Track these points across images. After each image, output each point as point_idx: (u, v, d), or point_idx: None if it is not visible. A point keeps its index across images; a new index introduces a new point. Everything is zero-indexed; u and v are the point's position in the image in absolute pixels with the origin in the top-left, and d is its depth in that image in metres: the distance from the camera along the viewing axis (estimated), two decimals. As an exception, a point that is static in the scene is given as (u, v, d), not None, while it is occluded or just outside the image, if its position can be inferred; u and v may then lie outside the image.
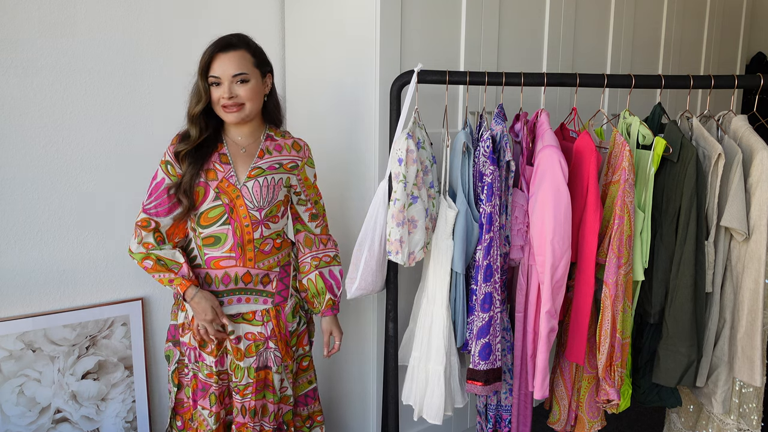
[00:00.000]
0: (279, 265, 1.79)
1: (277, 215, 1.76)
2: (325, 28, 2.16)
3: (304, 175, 1.81)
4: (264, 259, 1.75)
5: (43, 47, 1.96)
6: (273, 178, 1.72)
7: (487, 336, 1.73)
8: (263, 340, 1.76)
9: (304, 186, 1.82)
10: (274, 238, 1.76)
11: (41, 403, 2.06)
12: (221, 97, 1.64)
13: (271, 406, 1.80)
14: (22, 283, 2.02)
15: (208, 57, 1.64)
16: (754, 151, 1.75)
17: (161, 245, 1.70)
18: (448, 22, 2.10)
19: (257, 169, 1.71)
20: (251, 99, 1.67)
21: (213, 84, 1.65)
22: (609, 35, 2.75)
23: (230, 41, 1.66)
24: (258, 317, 1.76)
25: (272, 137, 1.78)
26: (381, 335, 2.08)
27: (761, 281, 1.74)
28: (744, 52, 3.80)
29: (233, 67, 1.63)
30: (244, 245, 1.71)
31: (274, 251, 1.77)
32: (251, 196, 1.70)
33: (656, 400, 1.95)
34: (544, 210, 1.69)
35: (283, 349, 1.79)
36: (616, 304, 1.73)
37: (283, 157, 1.76)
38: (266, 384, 1.79)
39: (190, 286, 1.68)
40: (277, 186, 1.73)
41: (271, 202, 1.73)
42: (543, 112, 1.81)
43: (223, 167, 1.70)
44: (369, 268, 1.76)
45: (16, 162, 1.97)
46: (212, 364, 1.76)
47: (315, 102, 2.25)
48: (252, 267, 1.73)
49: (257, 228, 1.71)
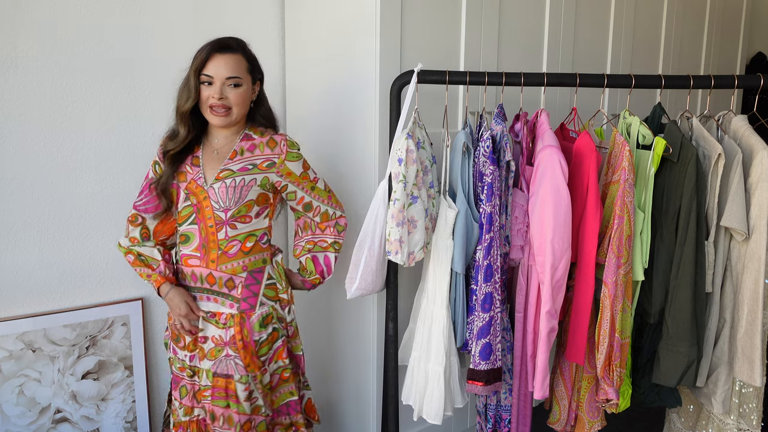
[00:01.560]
0: (245, 270, 1.74)
1: (249, 215, 1.73)
2: (325, 28, 2.16)
3: (286, 170, 1.75)
4: (228, 261, 1.72)
5: (43, 47, 1.96)
6: (243, 179, 1.69)
7: (487, 336, 1.73)
8: (222, 345, 1.73)
9: (292, 180, 1.77)
10: (242, 240, 1.72)
11: (41, 403, 2.06)
12: (211, 97, 1.65)
13: (236, 416, 1.73)
14: (22, 283, 2.02)
15: (205, 56, 1.64)
16: (754, 151, 1.75)
17: (145, 241, 1.79)
18: (448, 22, 2.10)
19: (226, 171, 1.70)
20: (239, 104, 1.68)
21: (204, 83, 1.65)
22: (609, 35, 2.75)
23: (228, 43, 1.67)
24: (222, 320, 1.74)
25: (250, 137, 1.75)
26: (381, 335, 2.08)
27: (761, 281, 1.74)
28: (744, 52, 3.80)
29: (228, 69, 1.64)
30: (208, 245, 1.71)
31: (240, 254, 1.72)
32: (217, 197, 1.69)
33: (656, 400, 1.95)
34: (544, 210, 1.69)
35: (247, 358, 1.72)
36: (615, 304, 1.73)
37: (256, 157, 1.72)
38: (228, 393, 1.73)
39: (164, 282, 1.75)
40: (247, 187, 1.70)
41: (239, 203, 1.70)
42: (543, 112, 1.81)
43: (193, 169, 1.73)
44: (369, 268, 1.76)
45: (16, 162, 1.97)
46: (185, 358, 1.79)
47: (315, 102, 2.25)
48: (215, 269, 1.72)
49: (221, 228, 1.70)
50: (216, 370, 1.73)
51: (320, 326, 2.36)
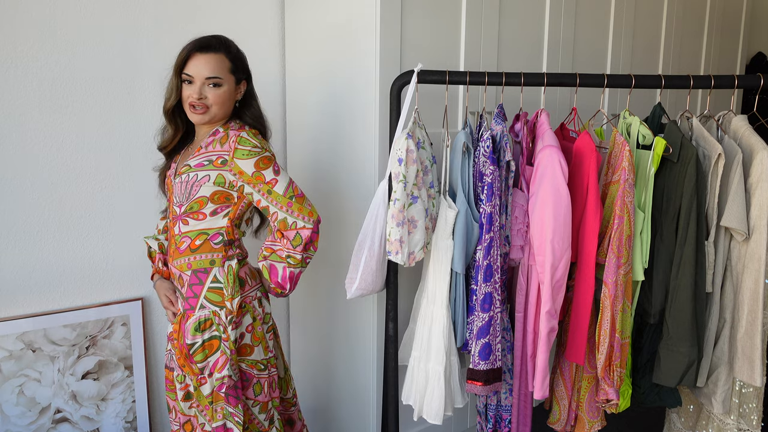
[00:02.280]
0: (190, 269, 1.69)
1: (202, 212, 1.66)
2: (325, 28, 2.16)
3: (237, 169, 1.64)
4: (178, 257, 1.71)
5: (43, 47, 1.96)
6: (196, 174, 1.66)
7: (487, 336, 1.73)
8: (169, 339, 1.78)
9: (245, 181, 1.65)
10: (192, 237, 1.68)
11: (41, 403, 2.06)
12: (190, 96, 1.65)
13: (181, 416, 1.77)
14: (22, 283, 2.02)
15: (185, 55, 1.64)
16: (754, 151, 1.75)
17: (158, 235, 1.90)
18: (448, 22, 2.10)
19: (186, 166, 1.70)
20: (219, 104, 1.66)
21: (185, 81, 1.66)
22: (609, 35, 2.75)
23: (209, 42, 1.66)
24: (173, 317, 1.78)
25: (217, 131, 1.70)
26: (381, 335, 2.08)
27: (761, 281, 1.74)
28: (744, 52, 3.80)
29: (208, 69, 1.63)
30: (171, 240, 1.76)
31: (188, 251, 1.68)
32: (177, 191, 1.71)
33: (656, 400, 1.95)
34: (544, 210, 1.69)
35: (181, 359, 1.70)
36: (615, 304, 1.73)
37: (211, 153, 1.67)
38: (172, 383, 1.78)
39: (154, 274, 1.86)
40: (199, 183, 1.65)
41: (190, 198, 1.67)
42: (543, 112, 1.81)
43: (172, 165, 1.79)
44: (369, 269, 1.76)
45: (16, 162, 1.97)
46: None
47: (315, 102, 2.25)
48: (171, 263, 1.75)
49: (176, 223, 1.71)
50: (167, 360, 1.81)
51: (320, 326, 2.36)
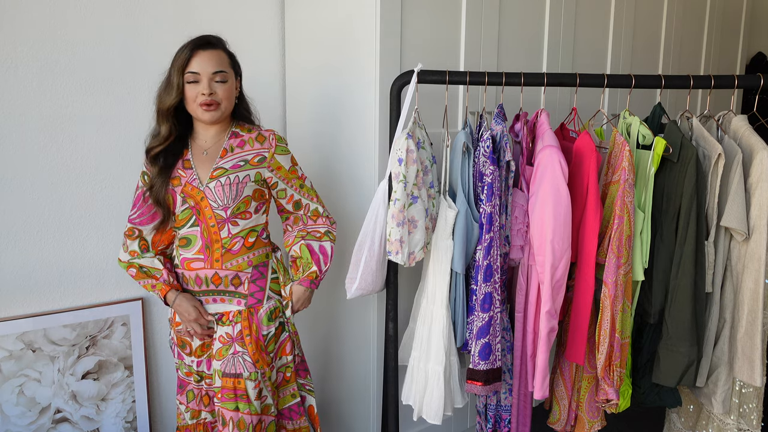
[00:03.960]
0: (251, 266, 1.74)
1: (248, 211, 1.73)
2: (324, 28, 2.16)
3: (276, 164, 1.75)
4: (232, 258, 1.72)
5: (43, 47, 1.96)
6: (237, 176, 1.69)
7: (486, 336, 1.73)
8: (230, 342, 1.73)
9: (281, 175, 1.77)
10: (244, 236, 1.73)
11: (41, 403, 2.06)
12: (200, 94, 1.64)
13: (247, 418, 1.71)
14: (22, 283, 2.02)
15: (188, 53, 1.63)
16: (754, 151, 1.75)
17: (144, 253, 1.77)
18: (448, 22, 2.10)
19: (219, 170, 1.69)
20: (227, 98, 1.68)
21: (191, 81, 1.64)
22: (609, 35, 2.75)
23: (209, 40, 1.67)
24: (231, 318, 1.74)
25: (237, 133, 1.75)
26: (381, 335, 2.08)
27: (761, 281, 1.74)
28: (744, 52, 3.80)
29: (214, 64, 1.64)
30: (212, 245, 1.71)
31: (244, 250, 1.73)
32: (214, 196, 1.68)
33: (656, 400, 1.95)
34: (544, 210, 1.69)
35: (256, 354, 1.72)
36: (615, 304, 1.73)
37: (247, 153, 1.72)
38: (237, 393, 1.71)
39: (170, 290, 1.74)
40: (242, 183, 1.69)
41: (237, 199, 1.69)
42: (543, 112, 1.81)
43: (186, 172, 1.71)
44: (369, 268, 1.76)
45: (16, 162, 1.97)
46: (192, 364, 1.80)
47: (315, 102, 2.25)
48: (220, 268, 1.72)
49: (223, 226, 1.70)
50: (225, 369, 1.72)
51: (320, 326, 2.36)
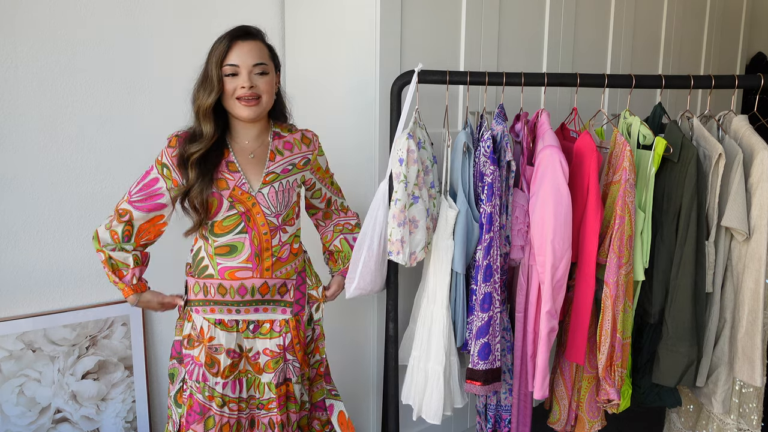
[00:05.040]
0: (296, 273, 1.71)
1: (293, 217, 1.70)
2: (325, 28, 2.15)
3: (317, 166, 1.75)
4: (281, 267, 1.66)
5: (43, 47, 1.96)
6: (288, 181, 1.65)
7: (486, 336, 1.73)
8: (281, 352, 1.67)
9: (319, 176, 1.78)
10: (290, 243, 1.68)
11: (41, 403, 2.05)
12: (239, 87, 1.52)
13: (293, 416, 1.75)
14: (22, 283, 2.02)
15: (227, 44, 1.52)
16: (754, 151, 1.75)
17: (124, 242, 1.60)
18: (448, 22, 2.10)
19: (272, 174, 1.62)
20: (268, 93, 1.57)
21: (229, 75, 1.53)
22: (609, 35, 2.75)
23: (249, 30, 1.57)
24: (276, 328, 1.67)
25: (279, 134, 1.68)
26: (381, 335, 2.08)
27: (762, 281, 1.74)
28: (744, 52, 3.80)
29: (254, 56, 1.53)
30: (262, 254, 1.62)
31: (291, 257, 1.68)
32: (267, 203, 1.61)
33: (656, 400, 1.95)
34: (545, 210, 1.69)
35: (302, 359, 1.72)
36: (616, 304, 1.73)
37: (295, 156, 1.68)
38: (288, 396, 1.73)
39: (131, 294, 1.64)
40: (292, 188, 1.66)
41: (288, 206, 1.66)
42: (543, 112, 1.81)
43: (233, 175, 1.59)
44: (368, 269, 1.76)
45: (16, 162, 1.97)
46: (216, 386, 1.63)
47: (315, 102, 2.25)
48: (269, 277, 1.64)
49: (275, 234, 1.63)
50: (279, 380, 1.68)
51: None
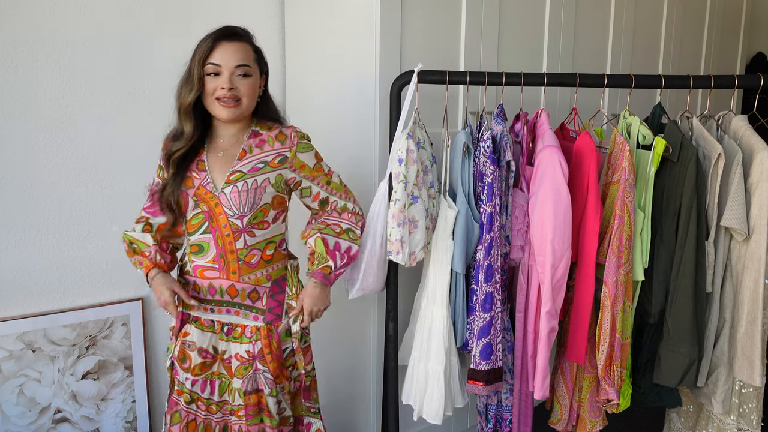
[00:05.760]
0: (270, 280, 1.63)
1: (266, 221, 1.60)
2: (325, 28, 2.15)
3: (299, 163, 1.62)
4: (250, 272, 1.60)
5: (43, 47, 1.96)
6: (255, 180, 1.56)
7: (488, 336, 1.73)
8: (251, 360, 1.63)
9: (305, 174, 1.64)
10: (262, 249, 1.61)
11: (41, 403, 2.05)
12: (219, 88, 1.51)
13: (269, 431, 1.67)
14: (22, 283, 2.02)
15: (211, 43, 1.51)
16: (754, 151, 1.75)
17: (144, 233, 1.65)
18: (448, 22, 2.10)
19: (237, 173, 1.56)
20: (249, 95, 1.55)
21: (211, 74, 1.52)
22: (609, 35, 2.75)
23: (235, 30, 1.55)
24: (247, 334, 1.64)
25: (258, 133, 1.62)
26: (381, 335, 2.08)
27: (761, 281, 1.74)
28: (744, 52, 3.80)
29: (237, 57, 1.52)
30: (227, 256, 1.58)
31: (263, 264, 1.61)
32: (230, 203, 1.55)
33: (656, 400, 1.95)
34: (545, 210, 1.69)
35: (276, 370, 1.64)
36: (615, 304, 1.73)
37: (266, 153, 1.59)
38: (260, 408, 1.65)
39: (153, 267, 1.61)
40: (261, 188, 1.57)
41: (254, 208, 1.57)
42: (543, 112, 1.81)
43: (200, 174, 1.58)
44: (371, 268, 1.76)
45: (16, 162, 1.97)
46: (185, 381, 1.65)
47: (315, 102, 2.25)
48: (237, 281, 1.60)
49: (239, 237, 1.57)
50: (246, 387, 1.63)
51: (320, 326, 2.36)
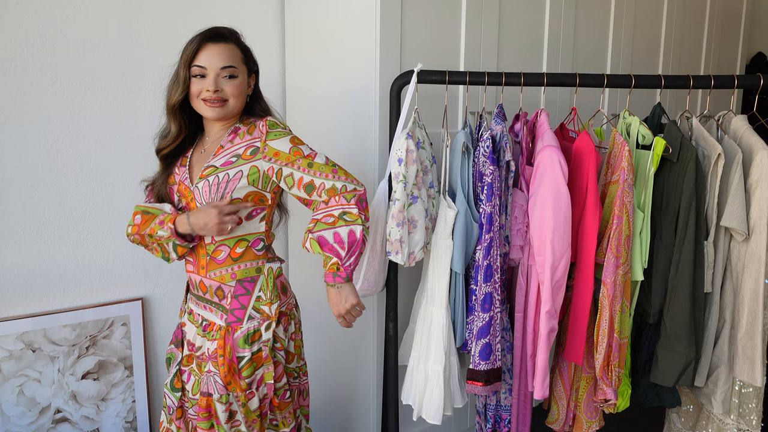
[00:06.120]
0: (234, 279, 1.58)
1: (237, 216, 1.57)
2: (325, 28, 2.16)
3: (272, 151, 1.54)
4: (216, 269, 1.58)
5: (43, 47, 1.96)
6: (227, 174, 1.53)
7: (487, 336, 1.73)
8: (206, 360, 1.59)
9: (282, 161, 1.55)
10: (231, 245, 1.57)
11: (41, 403, 2.06)
12: (204, 90, 1.52)
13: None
14: (22, 283, 2.02)
15: (196, 45, 1.52)
16: (754, 151, 1.75)
17: None
18: (448, 22, 2.10)
19: (210, 168, 1.55)
20: (236, 96, 1.55)
21: (196, 75, 1.53)
22: (609, 35, 2.75)
23: (221, 32, 1.55)
24: (213, 331, 1.60)
25: (237, 129, 1.60)
26: (381, 335, 2.08)
27: (761, 281, 1.74)
28: (744, 52, 3.80)
29: (222, 59, 1.52)
30: (198, 250, 1.60)
31: (229, 261, 1.58)
32: (200, 197, 1.55)
33: (655, 400, 1.95)
34: (544, 210, 1.69)
35: (228, 376, 1.56)
36: (614, 304, 1.73)
37: (237, 146, 1.56)
38: (210, 413, 1.59)
39: (177, 215, 1.56)
40: (232, 181, 1.53)
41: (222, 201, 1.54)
42: (543, 112, 1.81)
43: (180, 170, 1.61)
44: (372, 268, 1.76)
45: (16, 162, 1.97)
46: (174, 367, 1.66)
47: (315, 102, 2.25)
48: (204, 276, 1.60)
49: None
50: (201, 387, 1.60)
51: (320, 326, 2.36)
